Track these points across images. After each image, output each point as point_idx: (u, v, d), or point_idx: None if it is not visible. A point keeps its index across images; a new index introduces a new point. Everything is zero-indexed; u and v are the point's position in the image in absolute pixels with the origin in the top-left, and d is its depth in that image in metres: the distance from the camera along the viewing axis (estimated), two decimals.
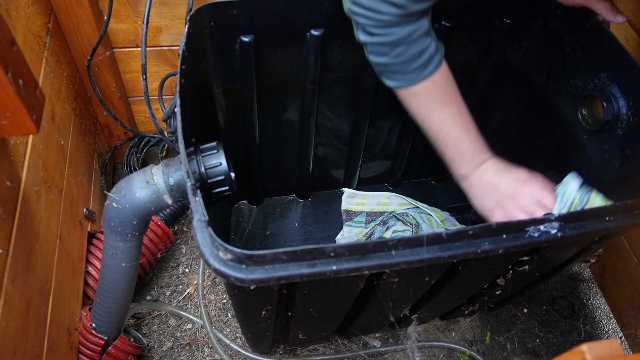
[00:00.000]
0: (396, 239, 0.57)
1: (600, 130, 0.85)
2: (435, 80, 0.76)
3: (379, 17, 0.68)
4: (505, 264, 0.79)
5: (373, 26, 0.70)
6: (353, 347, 1.17)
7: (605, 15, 0.79)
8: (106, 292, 0.88)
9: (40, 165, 0.86)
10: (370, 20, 0.69)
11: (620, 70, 0.80)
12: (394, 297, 0.80)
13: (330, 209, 1.34)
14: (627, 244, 1.18)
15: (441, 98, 0.78)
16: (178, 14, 1.12)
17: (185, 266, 1.27)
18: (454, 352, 1.18)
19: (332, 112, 1.11)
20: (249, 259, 0.54)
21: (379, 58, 0.74)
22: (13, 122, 0.58)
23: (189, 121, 0.71)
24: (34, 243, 0.79)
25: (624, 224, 0.66)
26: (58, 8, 1.02)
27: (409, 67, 0.74)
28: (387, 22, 0.69)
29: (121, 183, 0.76)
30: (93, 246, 1.08)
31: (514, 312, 1.26)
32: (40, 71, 0.92)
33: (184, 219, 1.35)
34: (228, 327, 1.19)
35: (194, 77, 0.82)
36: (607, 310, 1.29)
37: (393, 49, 0.72)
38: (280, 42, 0.90)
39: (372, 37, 0.71)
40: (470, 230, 0.59)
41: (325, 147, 1.21)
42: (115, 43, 1.15)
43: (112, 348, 0.98)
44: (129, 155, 1.37)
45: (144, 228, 0.80)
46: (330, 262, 0.57)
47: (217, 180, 0.75)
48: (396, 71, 0.75)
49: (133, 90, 1.29)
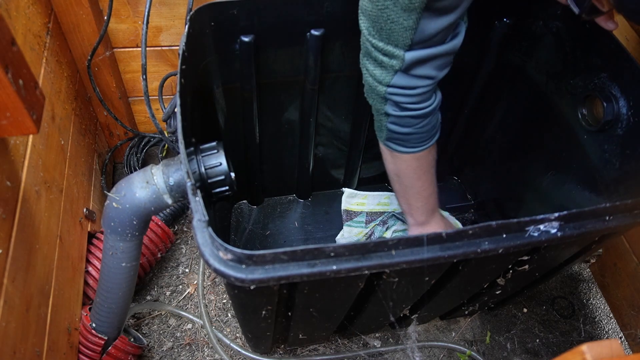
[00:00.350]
0: (396, 239, 0.57)
1: (600, 130, 0.85)
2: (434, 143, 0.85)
3: (415, 92, 0.74)
4: (505, 263, 0.79)
5: (410, 102, 0.75)
6: (353, 347, 1.17)
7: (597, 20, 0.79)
8: (106, 292, 0.88)
9: (40, 165, 0.86)
10: (407, 97, 0.74)
11: (620, 70, 0.80)
12: (394, 297, 0.80)
13: (330, 209, 1.34)
14: (627, 244, 1.18)
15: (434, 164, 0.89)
16: (178, 14, 1.12)
17: (185, 266, 1.27)
18: (454, 352, 1.18)
19: (332, 112, 1.11)
20: (249, 259, 0.54)
21: (404, 129, 0.79)
22: (13, 122, 0.58)
23: (189, 121, 0.71)
24: (34, 243, 0.79)
25: (624, 223, 0.66)
26: (58, 8, 1.02)
27: (428, 135, 0.81)
28: (422, 95, 0.75)
29: (121, 183, 0.76)
30: (93, 246, 1.08)
31: (514, 312, 1.26)
32: (40, 71, 0.92)
33: (184, 219, 1.35)
34: (228, 327, 1.19)
35: (194, 77, 0.82)
36: (607, 310, 1.29)
37: (422, 120, 0.78)
38: (280, 42, 0.90)
39: (406, 111, 0.76)
40: (470, 230, 0.59)
41: (325, 147, 1.21)
42: (116, 43, 1.15)
43: (112, 348, 0.98)
44: (129, 155, 1.37)
45: (144, 228, 0.80)
46: (330, 262, 0.57)
47: (217, 180, 0.75)
48: (416, 140, 0.81)
49: (133, 90, 1.29)
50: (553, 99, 0.97)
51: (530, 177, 1.08)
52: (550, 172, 1.00)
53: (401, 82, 0.73)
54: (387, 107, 0.77)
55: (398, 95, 0.74)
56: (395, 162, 0.88)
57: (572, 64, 0.90)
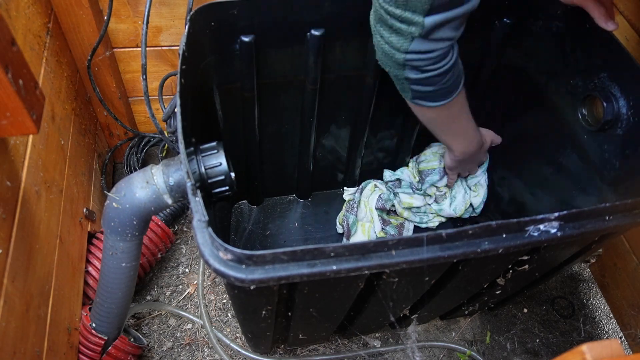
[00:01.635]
0: (396, 239, 0.57)
1: (600, 130, 0.85)
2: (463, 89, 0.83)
3: (435, 55, 0.72)
4: (505, 263, 0.79)
5: (430, 64, 0.73)
6: (353, 347, 1.17)
7: (597, 20, 0.79)
8: (106, 292, 0.88)
9: (40, 165, 0.86)
10: (426, 60, 0.72)
11: (620, 70, 0.80)
12: (394, 297, 0.80)
13: (330, 209, 1.34)
14: (627, 244, 1.18)
15: (465, 102, 0.88)
16: (178, 14, 1.12)
17: (185, 266, 1.28)
18: (454, 352, 1.18)
19: (333, 112, 1.11)
20: (249, 259, 0.54)
21: (427, 87, 0.77)
22: (13, 122, 0.58)
23: (189, 121, 0.71)
24: (34, 243, 0.79)
25: (624, 223, 0.66)
26: (58, 8, 1.02)
27: (455, 86, 0.80)
28: (441, 56, 0.73)
29: (121, 183, 0.76)
30: (93, 246, 1.08)
31: (514, 312, 1.26)
32: (40, 71, 0.92)
33: (184, 219, 1.35)
34: (228, 327, 1.19)
35: (194, 77, 0.82)
36: (607, 310, 1.29)
37: (443, 77, 0.76)
38: (280, 42, 0.90)
39: (427, 73, 0.74)
40: (470, 230, 0.59)
41: (325, 147, 1.21)
42: (116, 43, 1.15)
43: (112, 348, 0.98)
44: (129, 155, 1.37)
45: (144, 228, 0.80)
46: (330, 262, 0.57)
47: (217, 180, 0.75)
48: (444, 93, 0.79)
49: (133, 90, 1.29)
50: (553, 99, 0.97)
51: (530, 177, 1.08)
52: (550, 171, 1.00)
53: (420, 47, 0.69)
54: (406, 72, 0.74)
55: (417, 60, 0.72)
56: (426, 113, 0.86)
57: (572, 64, 0.90)
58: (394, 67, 0.75)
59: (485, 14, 0.95)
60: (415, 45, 0.69)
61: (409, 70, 0.74)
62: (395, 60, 0.73)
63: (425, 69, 0.74)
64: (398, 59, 0.72)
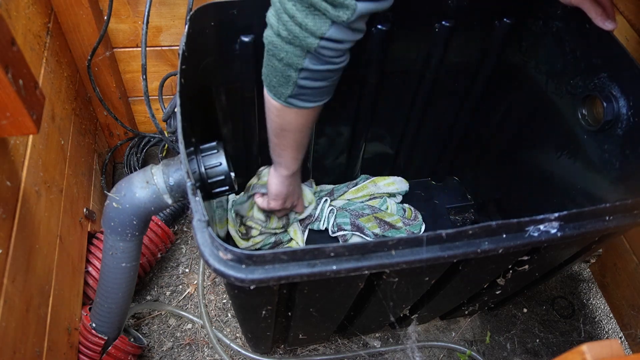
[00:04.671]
0: (396, 239, 0.57)
1: (600, 130, 0.85)
2: None
3: (344, 47, 0.68)
4: (505, 263, 0.79)
5: (336, 56, 0.69)
6: (353, 347, 1.17)
7: (595, 20, 0.79)
8: (106, 292, 0.88)
9: (40, 165, 0.86)
10: (336, 51, 0.68)
11: (620, 70, 0.80)
12: (394, 297, 0.80)
13: None
14: (627, 244, 1.18)
15: None
16: (178, 14, 1.12)
17: (185, 266, 1.28)
18: (454, 352, 1.18)
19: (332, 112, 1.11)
20: (249, 259, 0.54)
21: (317, 82, 0.72)
22: (13, 122, 0.58)
23: (189, 121, 0.71)
24: (34, 243, 0.79)
25: (624, 223, 0.66)
26: (58, 8, 1.02)
27: (332, 88, 0.77)
28: (347, 50, 0.70)
29: (121, 183, 0.76)
30: (93, 246, 1.08)
31: (514, 312, 1.26)
32: (40, 71, 0.92)
33: (184, 219, 1.35)
34: (228, 327, 1.19)
35: (194, 77, 0.82)
36: (607, 310, 1.29)
37: (335, 75, 0.73)
38: None
39: (327, 65, 0.70)
40: (470, 230, 0.59)
41: (325, 146, 1.21)
42: (116, 43, 1.15)
43: (112, 348, 0.98)
44: (129, 155, 1.37)
45: (144, 228, 0.80)
46: (330, 262, 0.57)
47: (217, 180, 0.75)
48: (322, 93, 0.75)
49: (133, 90, 1.29)
50: (553, 99, 0.97)
51: (530, 177, 1.08)
52: (550, 171, 1.00)
53: (337, 34, 0.64)
54: (306, 61, 0.68)
55: (329, 49, 0.66)
56: (286, 116, 0.79)
57: (572, 64, 0.90)
58: (294, 54, 0.67)
59: (485, 14, 0.96)
60: (333, 32, 0.64)
61: (309, 59, 0.68)
62: (301, 46, 0.66)
63: (329, 61, 0.69)
64: (309, 43, 0.65)
